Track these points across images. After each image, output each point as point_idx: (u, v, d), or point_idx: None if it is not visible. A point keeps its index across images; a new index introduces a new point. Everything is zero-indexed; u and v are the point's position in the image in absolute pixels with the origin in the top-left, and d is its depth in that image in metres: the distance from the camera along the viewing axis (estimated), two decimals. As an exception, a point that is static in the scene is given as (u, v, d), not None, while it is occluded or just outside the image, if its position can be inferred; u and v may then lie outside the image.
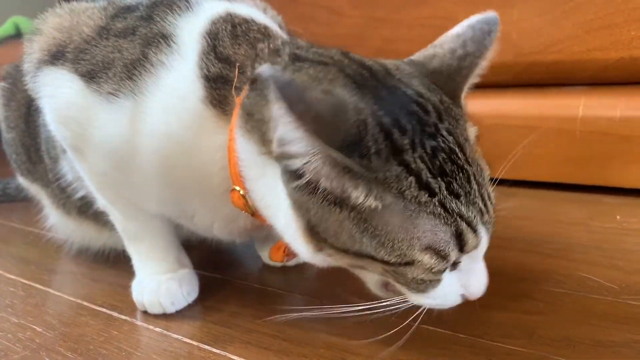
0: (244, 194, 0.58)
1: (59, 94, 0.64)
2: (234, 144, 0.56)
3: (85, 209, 0.83)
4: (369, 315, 0.54)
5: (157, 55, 0.60)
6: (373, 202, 0.47)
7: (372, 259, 0.49)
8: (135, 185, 0.65)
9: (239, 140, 0.56)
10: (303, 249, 0.53)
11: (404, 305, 0.54)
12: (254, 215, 0.60)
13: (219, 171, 0.59)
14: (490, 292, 0.70)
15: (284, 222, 0.54)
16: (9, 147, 0.96)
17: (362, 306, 0.54)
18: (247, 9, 0.67)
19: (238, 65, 0.59)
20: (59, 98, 0.64)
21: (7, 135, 0.94)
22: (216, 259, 0.87)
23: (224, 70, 0.59)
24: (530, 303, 0.67)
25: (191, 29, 0.61)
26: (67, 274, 0.90)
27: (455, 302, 0.54)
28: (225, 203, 0.61)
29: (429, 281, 0.51)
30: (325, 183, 0.48)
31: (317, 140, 0.44)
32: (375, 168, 0.47)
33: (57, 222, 0.95)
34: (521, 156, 1.17)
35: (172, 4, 0.63)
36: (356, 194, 0.47)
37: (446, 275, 0.51)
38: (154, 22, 0.62)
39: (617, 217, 0.96)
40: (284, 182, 0.51)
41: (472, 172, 0.50)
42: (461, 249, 0.49)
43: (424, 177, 0.47)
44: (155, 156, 0.61)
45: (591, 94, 1.10)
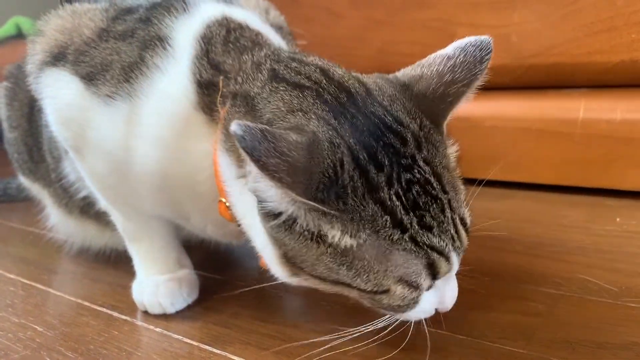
0: (229, 206, 0.59)
1: (59, 95, 0.64)
2: (217, 156, 0.57)
3: (88, 209, 0.83)
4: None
5: (153, 58, 0.60)
6: (349, 240, 0.48)
7: (349, 286, 0.51)
8: (132, 187, 0.65)
9: (220, 156, 0.56)
10: (279, 273, 0.54)
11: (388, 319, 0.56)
12: (240, 226, 0.60)
13: (206, 179, 0.60)
14: (490, 293, 0.71)
15: (261, 246, 0.55)
16: (11, 147, 0.96)
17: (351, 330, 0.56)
18: (244, 12, 0.67)
19: (222, 78, 0.58)
20: (59, 99, 0.64)
21: (10, 134, 0.94)
22: (216, 260, 0.87)
23: (214, 77, 0.59)
24: (529, 305, 0.67)
25: (187, 32, 0.61)
26: (67, 274, 0.90)
27: (430, 314, 0.55)
28: (215, 210, 0.61)
29: (408, 305, 0.52)
30: (302, 223, 0.48)
31: (292, 192, 0.45)
32: (351, 208, 0.47)
33: (58, 222, 0.95)
34: (521, 158, 1.18)
35: (170, 6, 0.63)
36: (332, 234, 0.48)
37: (424, 295, 0.52)
38: (151, 25, 0.62)
39: (617, 219, 0.96)
40: (260, 217, 0.51)
41: (446, 199, 0.50)
42: (434, 277, 0.50)
43: (398, 215, 0.48)
44: (148, 160, 0.61)
45: (591, 96, 1.10)
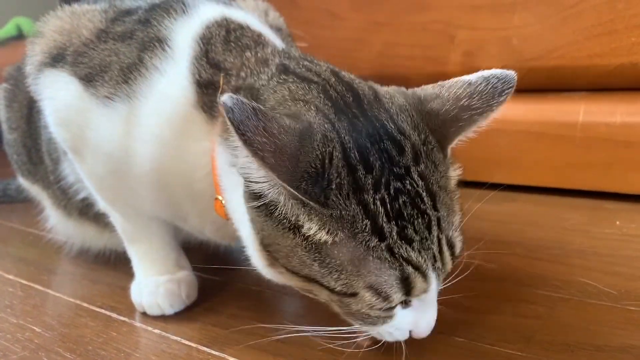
0: (225, 203, 0.58)
1: (58, 96, 0.64)
2: (214, 152, 0.57)
3: (87, 210, 0.83)
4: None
5: (152, 59, 0.60)
6: (325, 236, 0.47)
7: (320, 284, 0.50)
8: (131, 188, 0.65)
9: (218, 148, 0.56)
10: (258, 262, 0.54)
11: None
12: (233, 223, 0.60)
13: (204, 177, 0.60)
14: (489, 296, 0.70)
15: (245, 234, 0.55)
16: (10, 148, 0.96)
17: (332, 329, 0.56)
18: (243, 14, 0.67)
19: (223, 75, 0.59)
20: (58, 100, 0.65)
21: (9, 136, 0.94)
22: (215, 261, 0.87)
23: (214, 76, 0.59)
24: (528, 308, 0.67)
25: (186, 33, 0.61)
26: (66, 275, 0.90)
27: (403, 337, 0.54)
28: (212, 210, 0.61)
29: (378, 318, 0.51)
30: (281, 209, 0.48)
31: (274, 174, 0.44)
32: (333, 204, 0.46)
33: (57, 223, 0.95)
34: (522, 161, 1.18)
35: (169, 7, 0.64)
36: (309, 226, 0.47)
37: (399, 312, 0.52)
38: (150, 26, 0.62)
39: (617, 222, 0.96)
40: (244, 198, 0.51)
41: (435, 217, 0.49)
42: (408, 292, 0.49)
43: (379, 221, 0.47)
44: (147, 160, 0.61)
45: (591, 99, 1.10)
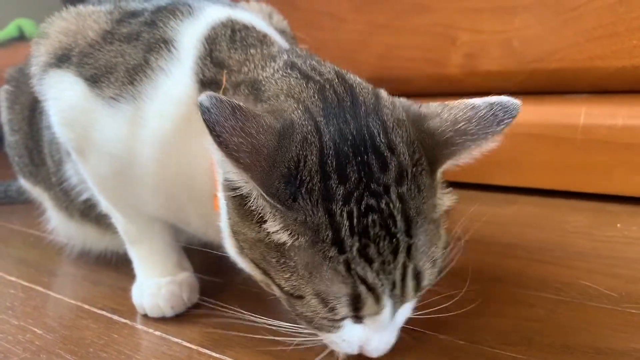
0: None
1: (63, 96, 0.64)
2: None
3: (88, 212, 0.84)
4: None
5: (158, 60, 0.60)
6: (285, 237, 0.47)
7: (272, 280, 0.50)
8: (134, 189, 0.66)
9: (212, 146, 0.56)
10: (230, 249, 0.55)
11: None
12: None
13: (204, 175, 0.60)
14: (490, 298, 0.70)
15: (223, 222, 0.55)
16: (11, 150, 0.96)
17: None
18: (249, 15, 0.68)
19: (225, 72, 0.59)
20: (63, 100, 0.65)
21: (11, 137, 0.94)
22: (217, 263, 0.87)
23: (217, 75, 0.59)
24: (529, 310, 0.67)
25: (191, 35, 0.62)
26: (67, 277, 0.90)
27: (351, 350, 0.53)
28: (214, 210, 0.61)
29: (324, 325, 0.51)
30: (253, 203, 0.48)
31: (247, 174, 0.44)
32: (299, 208, 0.46)
33: (59, 224, 0.95)
34: (522, 163, 1.18)
35: (175, 9, 0.64)
36: (272, 224, 0.47)
37: (349, 325, 0.51)
38: (156, 28, 0.63)
39: (618, 225, 0.96)
40: (223, 186, 0.52)
41: (406, 244, 0.47)
42: (356, 310, 0.48)
43: (342, 234, 0.46)
44: (151, 161, 0.61)
45: (592, 102, 1.10)
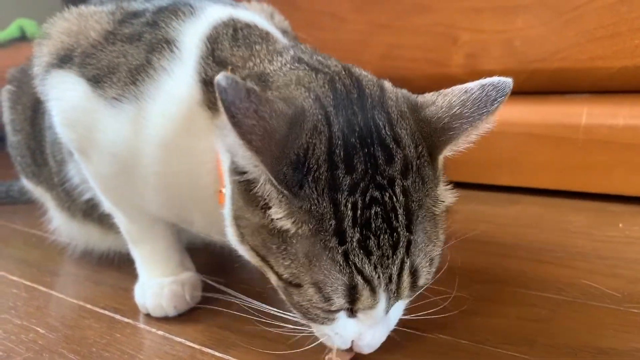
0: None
1: (65, 97, 0.65)
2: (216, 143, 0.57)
3: (91, 212, 0.84)
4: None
5: (160, 60, 0.60)
6: (289, 225, 0.47)
7: (271, 268, 0.51)
8: (137, 189, 0.66)
9: (217, 136, 0.56)
10: (231, 237, 0.55)
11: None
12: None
13: (208, 172, 0.60)
14: (492, 299, 0.71)
15: (226, 211, 0.55)
16: (14, 150, 0.96)
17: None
18: (250, 14, 0.68)
19: (230, 68, 0.59)
20: (65, 101, 0.65)
21: (13, 138, 0.94)
22: (219, 263, 0.87)
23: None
24: (531, 310, 0.67)
25: (193, 34, 0.62)
26: (69, 277, 0.90)
27: (344, 345, 0.53)
28: (217, 207, 0.61)
29: (318, 316, 0.51)
30: (260, 188, 0.48)
31: (259, 157, 0.44)
32: (305, 197, 0.46)
33: (61, 224, 0.95)
34: (524, 163, 1.18)
35: (177, 10, 0.64)
36: (277, 211, 0.47)
37: (342, 318, 0.51)
38: (158, 28, 0.63)
39: (620, 225, 0.96)
40: (229, 170, 0.52)
41: (405, 239, 0.48)
42: (352, 302, 0.48)
43: (344, 225, 0.46)
44: (153, 161, 0.61)
45: (594, 102, 1.10)
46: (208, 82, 0.59)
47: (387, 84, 0.56)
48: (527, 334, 0.62)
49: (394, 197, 0.48)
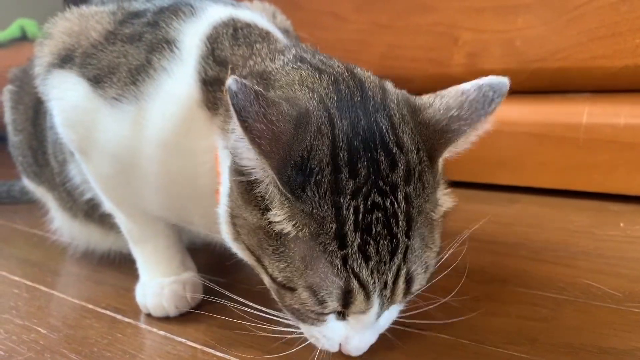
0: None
1: (66, 96, 0.65)
2: (217, 142, 0.58)
3: (92, 212, 0.84)
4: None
5: (160, 61, 0.61)
6: (289, 227, 0.47)
7: (265, 269, 0.50)
8: (137, 188, 0.66)
9: (217, 136, 0.57)
10: (226, 235, 0.55)
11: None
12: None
13: (207, 172, 0.60)
14: (493, 298, 0.70)
15: (222, 209, 0.55)
16: (15, 150, 0.97)
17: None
18: (251, 14, 0.68)
19: (231, 67, 0.59)
20: (66, 101, 0.65)
21: (14, 138, 0.95)
22: (220, 263, 0.87)
23: (220, 73, 0.60)
24: (533, 310, 0.67)
25: (193, 34, 0.62)
26: (71, 276, 0.91)
27: (331, 347, 0.53)
28: (216, 206, 0.61)
29: (309, 317, 0.51)
30: (261, 188, 0.48)
31: (267, 161, 0.45)
32: (307, 200, 0.46)
33: (62, 224, 0.95)
34: (525, 163, 1.18)
35: (178, 10, 0.64)
36: (277, 213, 0.47)
37: (332, 321, 0.51)
38: (159, 28, 0.63)
39: (621, 224, 0.96)
40: (229, 170, 0.52)
41: (404, 245, 0.48)
42: (345, 305, 0.48)
43: (346, 229, 0.46)
44: (153, 161, 0.61)
45: (595, 101, 1.10)
46: (208, 82, 0.59)
47: (389, 86, 0.56)
48: (528, 333, 0.62)
49: (395, 204, 0.47)
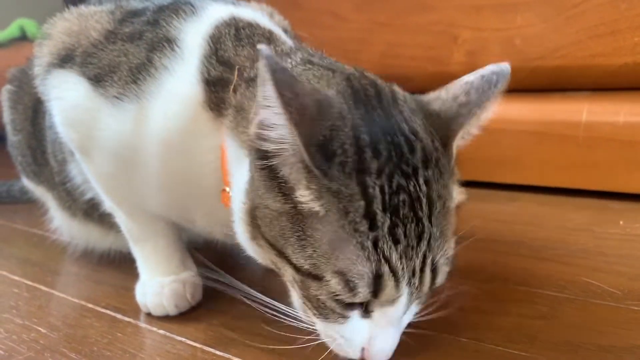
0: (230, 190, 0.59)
1: (66, 96, 0.65)
2: (224, 143, 0.58)
3: (91, 211, 0.84)
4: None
5: (162, 59, 0.61)
6: (317, 207, 0.47)
7: (288, 261, 0.49)
8: (138, 187, 0.66)
9: (227, 136, 0.57)
10: (242, 233, 0.54)
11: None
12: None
13: (212, 172, 0.60)
14: (493, 296, 0.71)
15: (236, 207, 0.54)
16: (14, 150, 0.97)
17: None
18: (252, 13, 0.68)
19: (238, 68, 0.59)
20: (66, 100, 0.65)
21: (13, 137, 0.95)
22: (220, 262, 0.87)
23: (224, 73, 0.60)
24: (532, 308, 0.67)
25: (195, 33, 0.62)
26: (71, 276, 0.91)
27: (354, 352, 0.51)
28: (220, 206, 0.61)
29: (333, 311, 0.50)
30: (285, 171, 0.48)
31: (295, 131, 0.45)
32: (334, 177, 0.46)
33: (62, 224, 0.95)
34: (525, 161, 1.18)
35: (178, 8, 0.64)
36: (305, 193, 0.47)
37: (355, 318, 0.50)
38: (159, 27, 0.63)
39: (621, 222, 0.96)
40: (250, 160, 0.52)
41: (429, 231, 0.47)
42: (375, 293, 0.47)
43: (374, 207, 0.46)
44: (155, 160, 0.61)
45: (595, 99, 1.10)
46: (211, 82, 0.59)
47: (396, 87, 0.57)
48: (528, 331, 0.62)
49: (418, 187, 0.47)
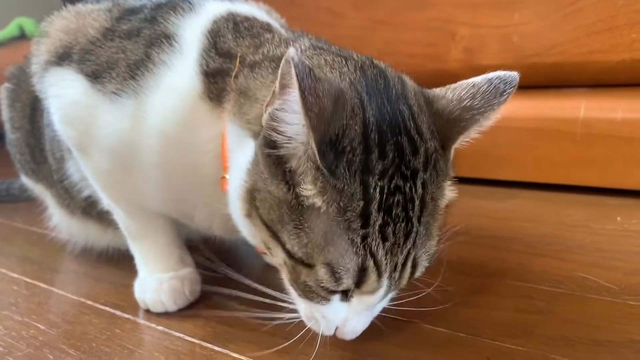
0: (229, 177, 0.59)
1: (64, 93, 0.65)
2: (225, 130, 0.58)
3: (90, 209, 0.84)
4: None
5: (160, 54, 0.61)
6: (319, 202, 0.47)
7: (282, 246, 0.50)
8: (136, 184, 0.66)
9: (229, 121, 0.57)
10: (236, 209, 0.55)
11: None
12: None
13: (211, 161, 0.60)
14: (490, 291, 0.71)
15: (235, 184, 0.55)
16: (13, 148, 0.97)
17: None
18: (249, 7, 0.69)
19: (240, 55, 0.59)
20: (64, 98, 0.65)
21: (12, 135, 0.95)
22: (218, 258, 0.87)
23: (224, 64, 0.60)
24: (529, 303, 0.67)
25: (193, 29, 0.62)
26: (70, 273, 0.91)
27: (329, 330, 0.54)
28: (220, 197, 0.61)
29: (318, 295, 0.51)
30: (293, 163, 0.48)
31: (313, 134, 0.45)
32: (339, 176, 0.47)
33: (60, 221, 0.95)
34: (522, 158, 1.18)
35: (175, 5, 0.65)
36: (309, 187, 0.47)
37: (335, 302, 0.52)
38: (157, 24, 0.63)
39: (618, 218, 0.96)
40: (256, 144, 0.52)
41: (416, 230, 0.49)
42: (358, 284, 0.49)
43: (371, 208, 0.47)
44: (154, 154, 0.62)
45: (592, 96, 1.10)
46: (210, 74, 0.60)
47: (406, 77, 0.57)
48: (525, 326, 0.62)
49: (414, 189, 0.49)
